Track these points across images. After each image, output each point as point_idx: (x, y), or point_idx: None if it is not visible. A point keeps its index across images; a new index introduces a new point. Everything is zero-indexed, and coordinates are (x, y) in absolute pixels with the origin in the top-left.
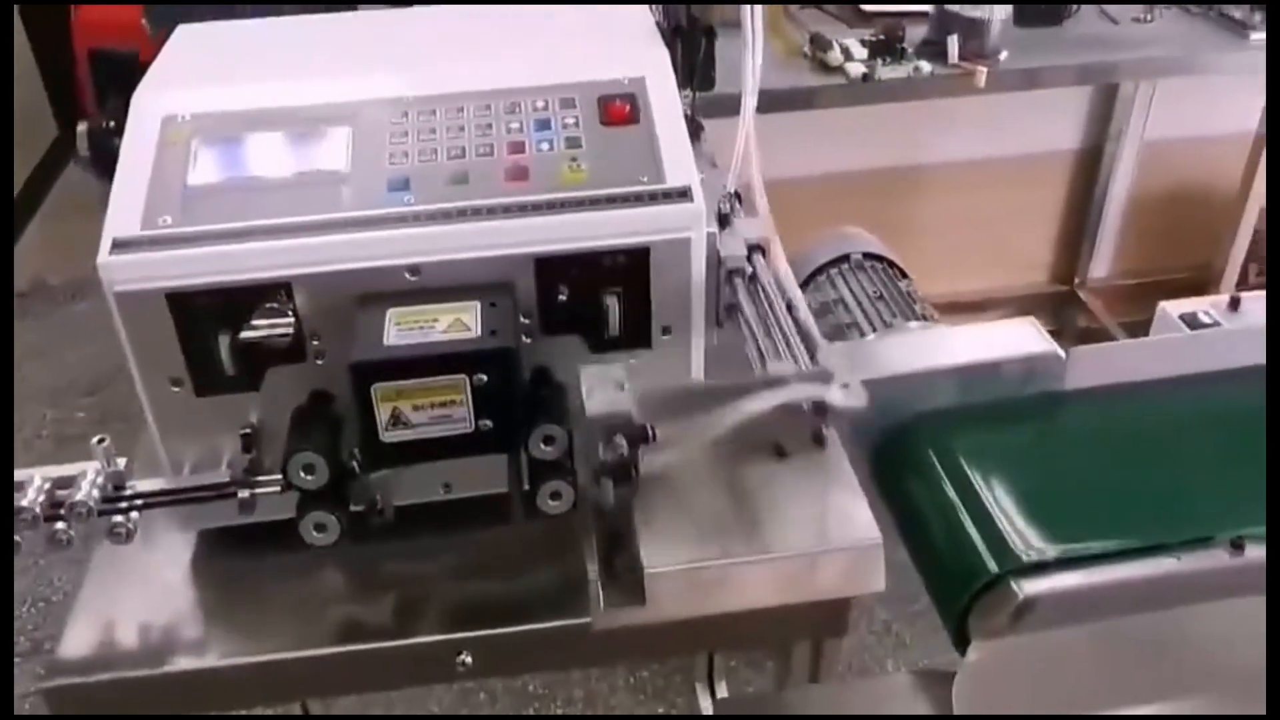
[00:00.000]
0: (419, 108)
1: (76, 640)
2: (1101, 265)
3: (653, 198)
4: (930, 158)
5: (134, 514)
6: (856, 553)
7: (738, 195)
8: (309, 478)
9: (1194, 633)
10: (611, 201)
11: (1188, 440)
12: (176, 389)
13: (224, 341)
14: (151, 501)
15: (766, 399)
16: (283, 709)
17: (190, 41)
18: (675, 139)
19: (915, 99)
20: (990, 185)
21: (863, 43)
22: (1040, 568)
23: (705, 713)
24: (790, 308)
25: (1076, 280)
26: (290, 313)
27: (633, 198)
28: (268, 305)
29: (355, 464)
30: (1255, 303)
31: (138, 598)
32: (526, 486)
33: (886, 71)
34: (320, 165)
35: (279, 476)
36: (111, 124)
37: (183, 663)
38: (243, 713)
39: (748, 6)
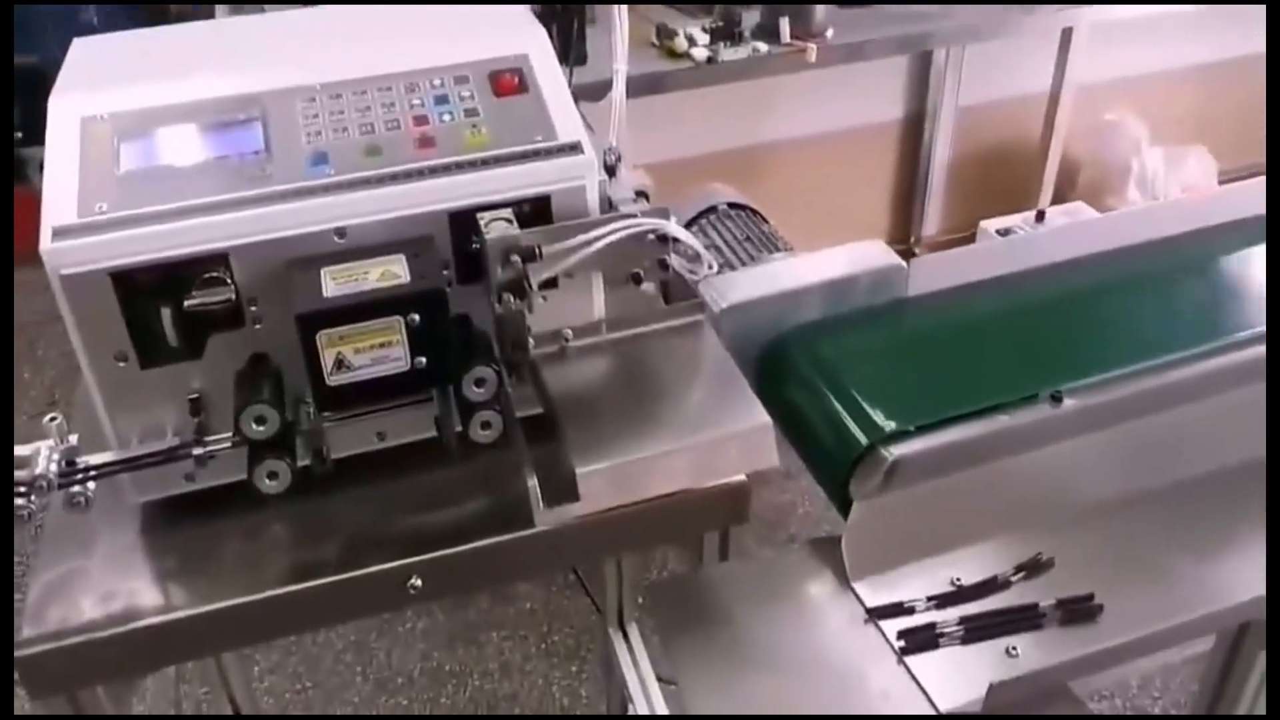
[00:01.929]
0: (326, 93)
1: (40, 613)
2: (932, 224)
3: (549, 153)
4: (773, 136)
5: (90, 484)
6: (752, 433)
7: (618, 153)
8: (261, 428)
9: (1028, 474)
10: (512, 159)
11: (1010, 324)
12: (122, 364)
13: (167, 313)
14: (107, 470)
15: (621, 226)
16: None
17: (90, 52)
18: (562, 102)
19: (756, 77)
20: (828, 157)
21: (704, 29)
22: (902, 435)
23: (618, 655)
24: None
25: (912, 239)
26: (229, 281)
27: (531, 154)
28: (207, 276)
29: (301, 414)
30: (1057, 216)
31: (93, 569)
32: (459, 428)
33: (728, 54)
34: (242, 148)
35: (229, 434)
36: (19, 135)
37: (147, 618)
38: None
39: None
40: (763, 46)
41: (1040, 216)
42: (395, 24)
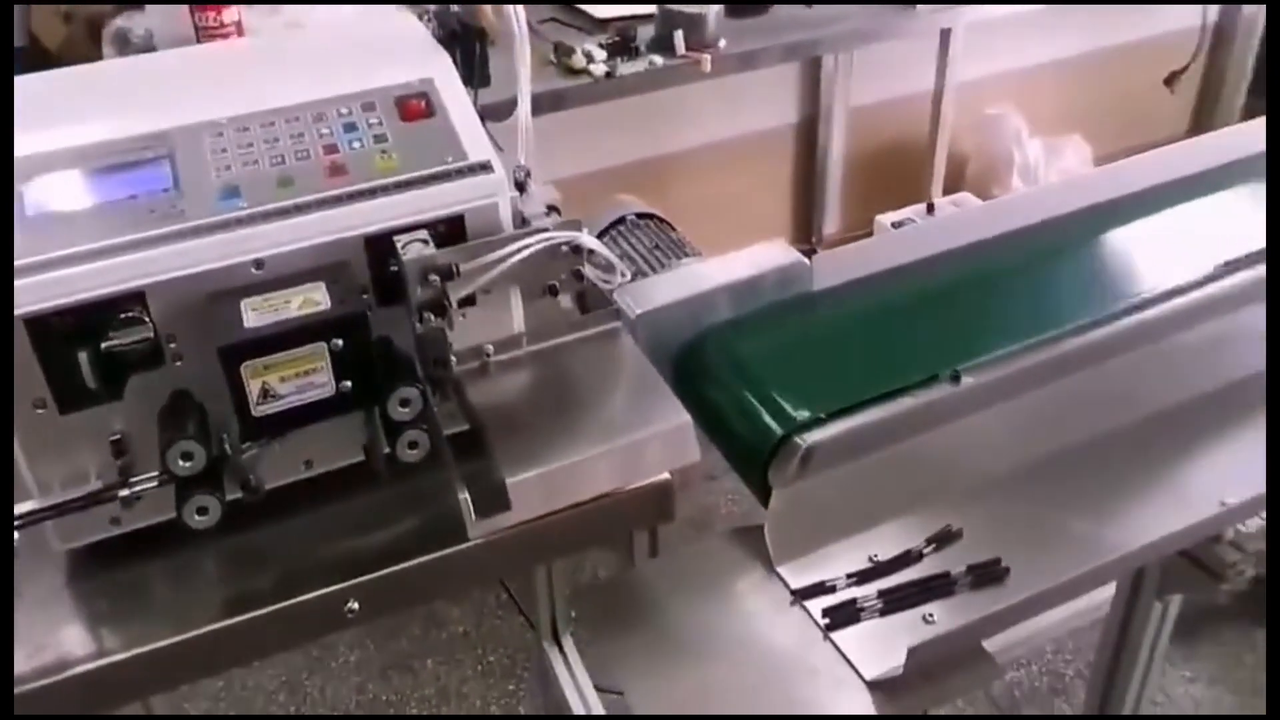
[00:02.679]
0: (233, 127)
1: None
2: (831, 222)
3: (460, 173)
4: (674, 147)
5: (15, 534)
6: (673, 431)
7: (527, 170)
8: (188, 464)
9: (934, 452)
10: (424, 181)
11: (908, 310)
12: (40, 410)
13: (84, 357)
14: (30, 519)
15: (535, 240)
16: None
17: None
18: (470, 123)
19: (654, 89)
20: (729, 164)
21: (601, 46)
22: (815, 423)
23: (555, 665)
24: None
25: (814, 238)
26: (147, 320)
27: (442, 175)
28: (124, 316)
29: (227, 447)
30: (946, 206)
31: (21, 621)
32: (386, 450)
33: (626, 68)
34: (151, 186)
35: (155, 473)
36: None
37: (80, 666)
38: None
39: (509, 6)
40: (659, 59)
41: (930, 208)
42: (297, 56)
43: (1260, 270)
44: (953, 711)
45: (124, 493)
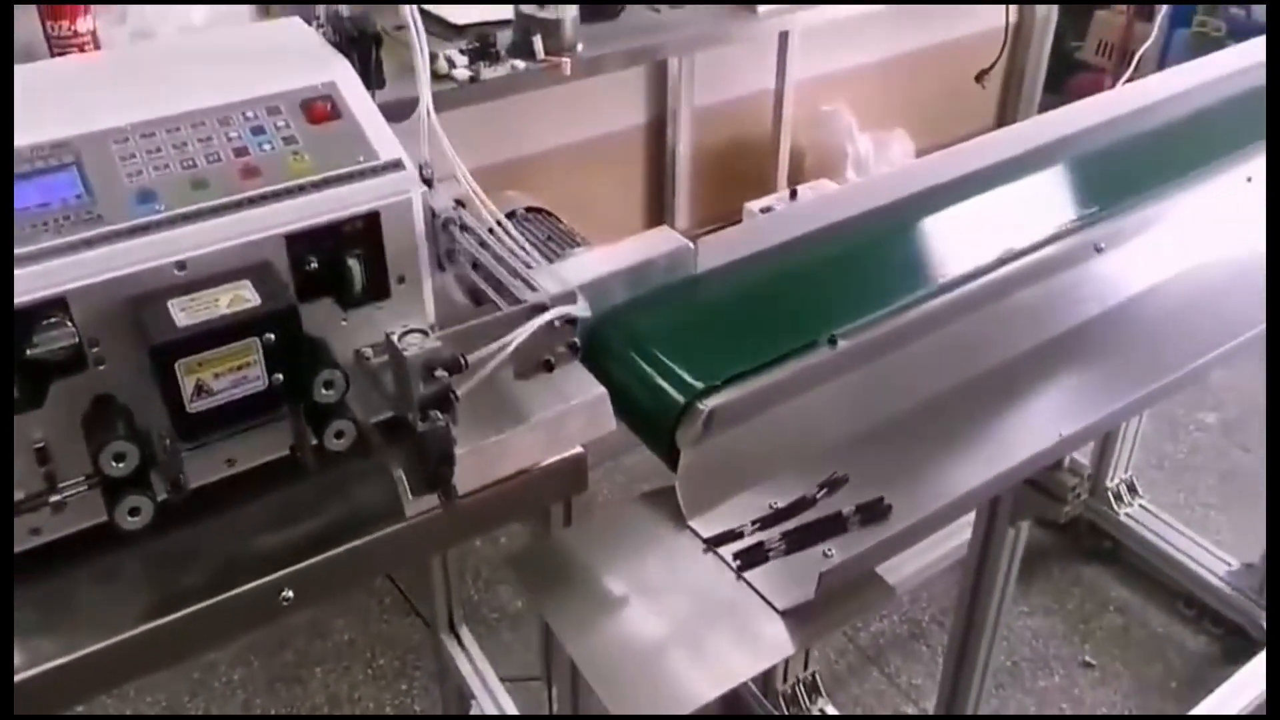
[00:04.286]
0: (138, 133)
1: None
2: (682, 219)
3: (373, 171)
4: (532, 149)
5: None
6: (592, 404)
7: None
8: (121, 465)
9: (819, 408)
10: (339, 180)
11: (786, 285)
12: None
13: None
14: None
15: (537, 320)
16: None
17: None
18: (376, 124)
19: (517, 93)
20: (585, 164)
21: (462, 51)
22: (713, 389)
23: (455, 658)
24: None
25: None
26: (69, 325)
27: (356, 174)
28: (46, 322)
29: (156, 446)
30: (806, 191)
31: None
32: (314, 441)
33: (488, 72)
34: (62, 194)
35: (82, 478)
36: None
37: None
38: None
39: (407, 6)
40: (520, 64)
41: (794, 194)
42: (193, 62)
43: (1070, 241)
44: (826, 662)
45: (54, 499)
